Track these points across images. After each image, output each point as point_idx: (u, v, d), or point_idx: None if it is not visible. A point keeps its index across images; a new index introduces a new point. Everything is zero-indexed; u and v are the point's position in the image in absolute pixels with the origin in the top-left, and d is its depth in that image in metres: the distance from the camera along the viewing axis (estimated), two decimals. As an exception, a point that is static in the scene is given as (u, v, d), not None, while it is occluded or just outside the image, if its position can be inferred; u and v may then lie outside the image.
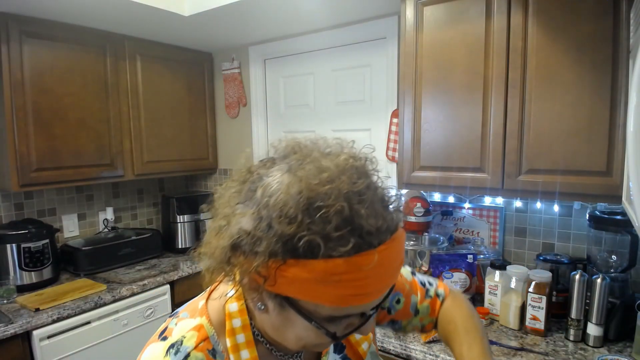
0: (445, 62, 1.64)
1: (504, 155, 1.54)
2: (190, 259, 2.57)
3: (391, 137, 2.15)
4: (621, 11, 1.28)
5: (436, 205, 2.10)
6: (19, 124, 1.96)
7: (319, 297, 0.48)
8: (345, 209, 0.46)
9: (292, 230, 0.46)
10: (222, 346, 0.60)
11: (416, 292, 0.85)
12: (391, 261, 0.50)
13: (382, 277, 0.49)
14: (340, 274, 0.46)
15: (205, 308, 0.63)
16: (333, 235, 0.46)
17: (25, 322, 1.68)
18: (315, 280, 0.47)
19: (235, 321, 0.61)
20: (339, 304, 0.48)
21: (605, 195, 1.37)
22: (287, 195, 0.48)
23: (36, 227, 2.07)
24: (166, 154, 2.64)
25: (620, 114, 1.31)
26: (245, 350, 0.60)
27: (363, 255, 0.47)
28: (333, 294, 0.48)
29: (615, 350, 1.40)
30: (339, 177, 0.48)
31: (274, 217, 0.47)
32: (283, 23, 2.28)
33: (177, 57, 2.68)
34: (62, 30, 2.10)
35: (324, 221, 0.46)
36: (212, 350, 0.59)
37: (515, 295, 1.58)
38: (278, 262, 0.48)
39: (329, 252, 0.46)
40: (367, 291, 0.48)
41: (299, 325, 0.53)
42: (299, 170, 0.50)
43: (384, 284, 0.51)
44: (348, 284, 0.47)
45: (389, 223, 0.50)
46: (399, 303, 0.82)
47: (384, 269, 0.49)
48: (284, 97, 2.67)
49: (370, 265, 0.47)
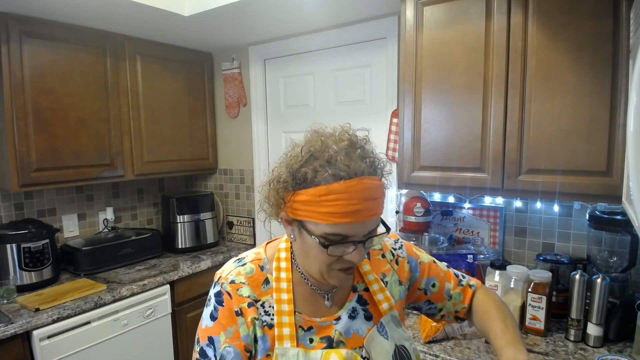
0: (445, 62, 1.64)
1: (504, 155, 1.54)
2: (190, 258, 2.58)
3: (391, 137, 2.15)
4: (621, 11, 1.28)
5: (436, 205, 2.10)
6: (19, 124, 1.96)
7: (315, 216, 0.72)
8: (327, 154, 0.72)
9: (297, 166, 0.74)
10: (269, 266, 0.86)
11: (450, 280, 1.02)
12: (359, 192, 0.70)
13: (352, 203, 0.70)
14: (322, 195, 0.70)
15: (265, 246, 0.92)
16: (318, 169, 0.71)
17: (25, 322, 1.68)
18: (309, 202, 0.72)
19: (282, 253, 0.88)
20: (327, 220, 0.71)
21: (605, 195, 1.37)
22: (300, 150, 0.76)
23: (36, 227, 2.07)
24: (166, 154, 2.64)
25: (620, 114, 1.31)
26: (284, 272, 0.85)
27: (334, 185, 0.70)
28: (321, 212, 0.71)
29: (615, 350, 1.40)
30: (329, 138, 0.76)
31: (289, 161, 0.76)
32: (283, 23, 2.28)
33: (177, 57, 2.68)
34: (62, 30, 2.10)
35: (315, 160, 0.73)
36: (262, 267, 0.86)
37: (515, 295, 1.58)
38: (290, 192, 0.75)
39: (315, 180, 0.71)
40: (342, 210, 0.70)
41: (310, 245, 0.77)
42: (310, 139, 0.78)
43: (354, 209, 0.70)
44: (328, 204, 0.70)
45: (358, 168, 0.72)
46: (434, 287, 1.00)
47: (352, 196, 0.70)
48: (284, 97, 2.67)
49: (339, 190, 0.69)
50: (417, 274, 0.99)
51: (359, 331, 0.86)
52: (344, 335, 0.85)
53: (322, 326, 0.84)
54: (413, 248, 1.02)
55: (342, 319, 0.86)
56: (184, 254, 2.68)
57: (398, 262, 0.97)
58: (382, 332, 0.87)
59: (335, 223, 0.71)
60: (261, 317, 0.81)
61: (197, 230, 2.75)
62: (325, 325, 0.85)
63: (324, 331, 0.84)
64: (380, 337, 0.86)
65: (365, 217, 0.72)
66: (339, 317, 0.86)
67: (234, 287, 0.82)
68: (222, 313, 0.80)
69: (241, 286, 0.82)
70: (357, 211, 0.71)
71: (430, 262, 1.02)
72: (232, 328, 0.79)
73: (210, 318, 0.81)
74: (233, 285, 0.82)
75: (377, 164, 0.78)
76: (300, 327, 0.83)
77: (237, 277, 0.83)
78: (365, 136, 0.81)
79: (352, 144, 0.76)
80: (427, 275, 0.99)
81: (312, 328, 0.84)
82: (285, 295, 0.83)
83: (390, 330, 0.88)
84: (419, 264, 1.00)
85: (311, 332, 0.83)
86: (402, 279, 0.96)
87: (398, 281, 0.95)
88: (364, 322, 0.87)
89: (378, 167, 0.78)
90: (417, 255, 1.01)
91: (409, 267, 0.98)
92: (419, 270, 0.99)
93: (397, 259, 0.97)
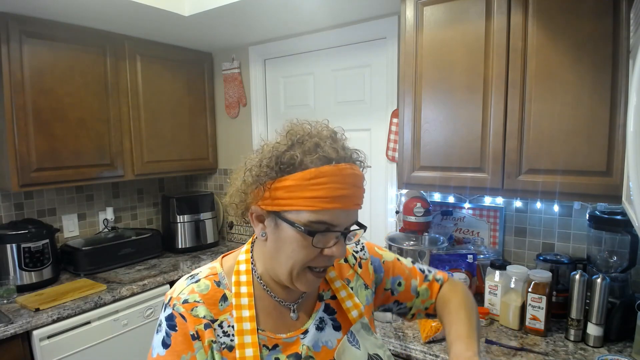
0: (445, 62, 1.64)
1: (504, 155, 1.54)
2: (190, 258, 2.58)
3: (391, 137, 2.15)
4: (621, 11, 1.28)
5: (436, 205, 2.10)
6: (19, 124, 1.96)
7: (299, 203, 0.68)
8: (315, 140, 0.71)
9: (282, 150, 0.70)
10: (227, 281, 0.80)
11: (415, 276, 0.99)
12: (347, 177, 0.69)
13: (341, 187, 0.68)
14: (310, 178, 0.67)
15: (221, 260, 0.86)
16: (307, 152, 0.69)
17: (25, 322, 1.68)
18: (295, 187, 0.68)
19: (241, 266, 0.81)
20: (312, 206, 0.68)
21: (605, 195, 1.37)
22: (281, 138, 0.73)
23: (36, 227, 2.07)
24: (166, 154, 2.64)
25: (620, 114, 1.31)
26: (244, 287, 0.79)
27: (325, 167, 0.68)
28: (307, 197, 0.68)
29: (615, 350, 1.40)
30: (313, 129, 0.74)
31: (271, 148, 0.72)
32: (283, 23, 2.28)
33: (177, 57, 2.68)
34: (62, 30, 2.10)
35: (302, 144, 0.70)
36: (218, 282, 0.79)
37: (515, 295, 1.58)
38: (273, 180, 0.70)
39: (304, 163, 0.68)
40: (330, 194, 0.67)
41: (287, 240, 0.72)
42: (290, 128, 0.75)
43: (343, 194, 0.69)
44: (316, 187, 0.67)
45: (344, 156, 0.71)
46: (400, 285, 0.97)
47: (342, 180, 0.68)
48: (284, 97, 2.67)
49: (330, 173, 0.68)
50: (381, 274, 0.95)
51: (328, 343, 0.81)
52: (313, 350, 0.79)
53: (289, 342, 0.79)
54: (375, 247, 0.98)
55: (310, 332, 0.81)
56: (184, 254, 2.68)
57: (361, 265, 0.92)
58: (353, 342, 0.82)
59: (323, 209, 0.68)
60: (219, 340, 0.74)
61: (197, 230, 2.75)
62: (292, 342, 0.79)
63: (291, 348, 0.78)
64: (352, 348, 0.81)
65: (352, 204, 0.70)
66: (306, 330, 0.81)
67: (187, 307, 0.73)
68: (175, 339, 0.72)
69: (196, 305, 0.74)
70: (346, 196, 0.69)
71: (394, 260, 0.98)
72: (187, 355, 0.71)
73: (163, 346, 0.72)
74: (186, 305, 0.74)
75: (360, 156, 0.76)
76: (264, 347, 0.76)
77: (191, 295, 0.75)
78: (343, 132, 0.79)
79: (334, 134, 0.75)
80: (392, 274, 0.96)
81: (278, 346, 0.77)
82: (246, 312, 0.76)
83: (361, 339, 0.83)
84: (382, 263, 0.95)
85: (277, 350, 0.77)
86: (368, 282, 0.91)
87: (364, 285, 0.91)
88: (332, 333, 0.83)
89: (361, 160, 0.76)
90: (380, 255, 0.97)
91: (373, 268, 0.94)
92: (383, 270, 0.95)
93: (360, 262, 0.92)
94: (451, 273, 1.75)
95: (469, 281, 1.75)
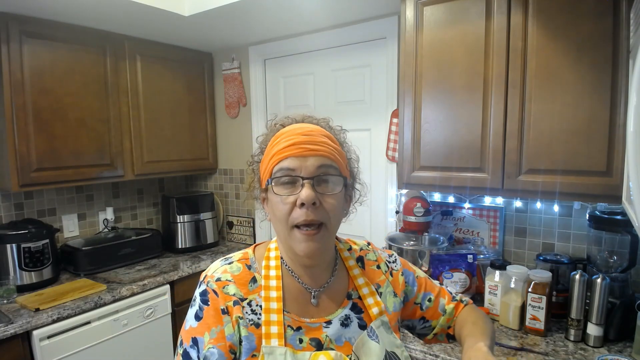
0: (445, 62, 1.64)
1: (504, 155, 1.54)
2: (190, 258, 2.58)
3: (391, 137, 2.15)
4: (621, 11, 1.28)
5: (436, 205, 2.10)
6: (19, 124, 1.96)
7: (267, 165, 0.80)
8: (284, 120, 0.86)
9: (262, 138, 0.86)
10: (257, 265, 0.86)
11: (444, 296, 1.02)
12: (297, 129, 0.80)
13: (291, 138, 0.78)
14: (272, 141, 0.81)
15: (253, 247, 0.91)
16: (274, 130, 0.84)
17: (25, 322, 1.68)
18: (266, 155, 0.82)
19: (271, 253, 0.88)
20: (274, 161, 0.78)
21: (605, 195, 1.37)
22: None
23: (36, 227, 2.07)
24: (166, 154, 2.64)
25: (620, 114, 1.31)
26: (274, 270, 0.85)
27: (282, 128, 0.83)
28: (271, 156, 0.79)
29: (615, 350, 1.40)
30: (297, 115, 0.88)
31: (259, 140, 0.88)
32: (283, 23, 2.28)
33: (177, 57, 2.68)
34: (62, 30, 2.10)
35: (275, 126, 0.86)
36: (249, 265, 0.86)
37: (515, 295, 1.58)
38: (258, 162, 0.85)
39: (270, 137, 0.83)
40: (283, 146, 0.78)
41: (273, 204, 0.80)
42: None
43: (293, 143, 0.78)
44: (275, 145, 0.80)
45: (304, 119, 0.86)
46: (430, 302, 1.00)
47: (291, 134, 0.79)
48: (284, 97, 2.67)
49: (286, 131, 0.81)
50: (414, 287, 0.98)
51: (352, 339, 0.84)
52: (335, 342, 0.82)
53: (311, 327, 0.82)
54: (408, 263, 1.02)
55: (334, 325, 0.84)
56: (184, 254, 2.68)
57: (392, 274, 0.96)
58: (372, 336, 0.84)
59: (279, 159, 0.78)
60: (247, 316, 0.79)
61: (197, 230, 2.75)
62: (315, 327, 0.82)
63: (313, 332, 0.82)
64: (371, 341, 0.84)
65: (305, 151, 0.77)
66: (329, 320, 0.84)
67: (220, 285, 0.80)
68: (207, 312, 0.78)
69: (227, 284, 0.81)
70: (295, 144, 0.77)
71: (426, 278, 1.02)
72: (217, 328, 0.77)
73: (195, 318, 0.79)
74: (219, 283, 0.81)
75: (330, 123, 0.88)
76: (289, 327, 0.80)
77: (224, 274, 0.82)
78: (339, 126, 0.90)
79: (306, 116, 0.87)
80: (424, 289, 1.00)
81: (301, 328, 0.81)
82: (274, 293, 0.82)
83: (381, 335, 0.85)
84: (416, 278, 1.00)
85: (300, 332, 0.81)
86: (397, 290, 0.95)
87: (392, 293, 0.94)
88: (357, 331, 0.85)
89: (328, 123, 0.87)
90: (414, 270, 1.01)
91: (404, 280, 0.97)
92: (417, 284, 0.99)
93: (392, 271, 0.96)
94: (451, 274, 1.75)
95: (469, 281, 1.75)
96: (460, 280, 1.74)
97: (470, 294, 1.76)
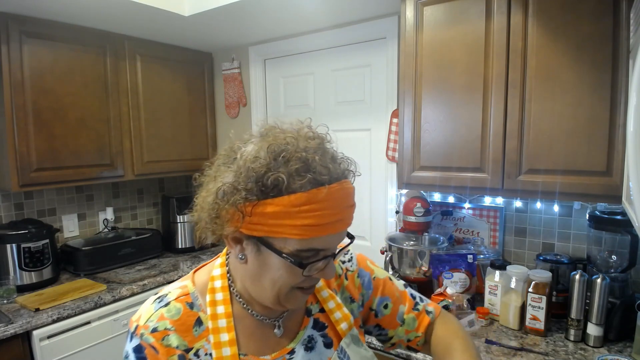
0: (445, 62, 1.64)
1: (504, 155, 1.54)
2: (190, 258, 2.58)
3: (391, 137, 2.15)
4: (621, 11, 1.28)
5: (436, 205, 2.10)
6: (19, 124, 1.96)
7: (286, 231, 0.59)
8: (302, 155, 0.60)
9: (263, 170, 0.59)
10: (201, 301, 0.71)
11: (405, 302, 0.88)
12: (340, 199, 0.61)
13: (334, 212, 0.60)
14: (300, 205, 0.58)
15: (192, 275, 0.75)
16: (294, 174, 0.58)
17: (25, 322, 1.68)
18: (282, 213, 0.58)
19: (216, 282, 0.72)
20: (302, 234, 0.59)
21: (605, 195, 1.37)
22: (259, 150, 0.61)
23: (36, 227, 2.07)
24: (166, 153, 2.64)
25: (620, 114, 1.31)
26: (221, 306, 0.70)
27: (317, 189, 0.58)
28: (296, 225, 0.58)
29: (615, 350, 1.40)
30: (297, 138, 0.62)
31: (249, 165, 0.60)
32: (283, 23, 2.28)
33: (177, 57, 2.68)
34: (62, 30, 2.10)
35: (287, 163, 0.59)
36: (191, 304, 0.70)
37: (515, 295, 1.58)
38: (253, 202, 0.59)
39: (291, 187, 0.58)
40: (322, 222, 0.59)
41: (272, 266, 0.63)
42: (268, 136, 0.65)
43: (336, 219, 0.61)
44: (307, 215, 0.58)
45: (337, 171, 0.62)
46: (386, 308, 0.86)
47: (335, 204, 0.60)
48: (284, 97, 2.67)
49: (322, 196, 0.58)
50: (369, 291, 0.85)
51: None
52: None
53: None
54: (367, 261, 0.89)
55: (297, 353, 0.73)
56: (184, 254, 2.68)
57: (347, 277, 0.84)
58: (343, 358, 0.75)
59: (313, 237, 0.60)
60: None
61: (197, 230, 2.74)
62: None
63: None
64: None
65: (344, 227, 0.63)
66: (292, 350, 0.73)
67: (157, 337, 0.65)
68: None
69: (167, 333, 0.65)
70: (339, 221, 0.61)
71: (386, 279, 0.88)
72: None
73: None
74: (156, 335, 0.65)
75: (350, 165, 0.67)
76: None
77: (160, 322, 0.66)
78: (327, 133, 0.68)
79: (322, 141, 0.64)
80: (381, 293, 0.86)
81: None
82: (225, 336, 0.68)
83: (352, 353, 0.76)
84: (372, 279, 0.87)
85: None
86: (354, 295, 0.83)
87: (349, 298, 0.83)
88: (324, 352, 0.75)
89: (351, 170, 0.67)
90: (371, 270, 0.88)
91: (360, 282, 0.85)
92: (372, 287, 0.86)
93: (347, 273, 0.84)
94: (451, 274, 1.75)
95: (469, 281, 1.75)
96: (460, 280, 1.74)
97: (470, 294, 1.76)
